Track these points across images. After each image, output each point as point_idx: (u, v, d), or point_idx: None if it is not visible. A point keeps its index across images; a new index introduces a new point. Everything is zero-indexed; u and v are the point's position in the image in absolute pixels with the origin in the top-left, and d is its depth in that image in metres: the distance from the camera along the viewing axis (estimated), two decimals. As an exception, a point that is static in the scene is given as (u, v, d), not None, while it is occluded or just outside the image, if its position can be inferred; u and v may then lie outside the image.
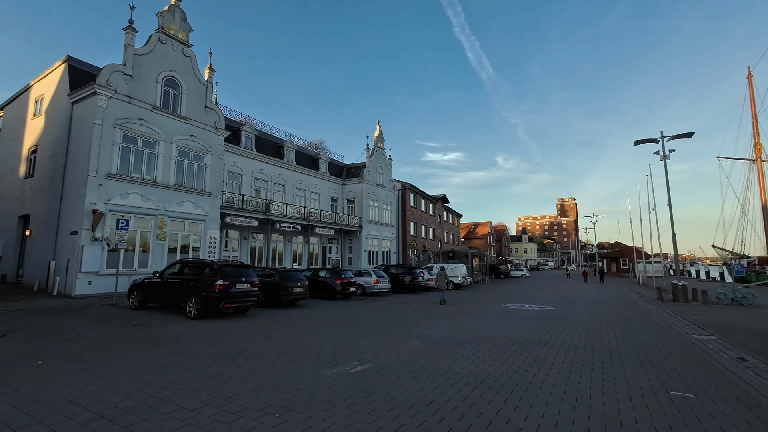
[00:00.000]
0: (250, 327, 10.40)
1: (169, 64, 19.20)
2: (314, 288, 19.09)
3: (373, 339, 9.12)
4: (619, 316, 14.26)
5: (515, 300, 20.31)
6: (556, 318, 13.57)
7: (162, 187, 18.35)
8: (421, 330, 10.58)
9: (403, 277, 23.93)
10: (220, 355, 7.17)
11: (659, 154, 23.84)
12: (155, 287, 12.56)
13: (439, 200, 54.75)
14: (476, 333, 10.29)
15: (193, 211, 19.73)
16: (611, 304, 18.84)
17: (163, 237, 18.24)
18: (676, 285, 21.41)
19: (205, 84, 21.01)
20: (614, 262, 62.03)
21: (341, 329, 10.41)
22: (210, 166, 20.76)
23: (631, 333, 10.75)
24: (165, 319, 11.17)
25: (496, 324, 11.95)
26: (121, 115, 17.03)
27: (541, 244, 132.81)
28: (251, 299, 12.23)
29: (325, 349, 7.92)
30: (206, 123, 20.75)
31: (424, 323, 11.85)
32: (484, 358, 7.48)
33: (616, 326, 11.95)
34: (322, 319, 12.29)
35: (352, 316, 12.98)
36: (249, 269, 12.66)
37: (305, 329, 10.26)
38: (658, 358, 7.78)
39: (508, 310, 15.89)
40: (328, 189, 33.59)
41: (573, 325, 11.92)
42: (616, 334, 10.49)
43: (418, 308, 15.99)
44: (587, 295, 24.69)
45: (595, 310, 16.13)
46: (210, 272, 11.65)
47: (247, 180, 25.80)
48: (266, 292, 14.66)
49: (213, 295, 11.18)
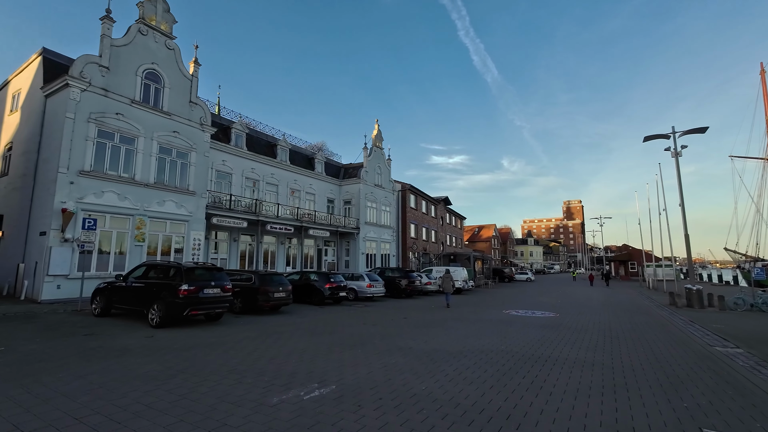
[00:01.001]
0: (215, 337, 9.27)
1: (150, 56, 18.24)
2: (302, 293, 17.97)
3: (347, 353, 7.94)
4: (630, 325, 12.96)
5: (517, 305, 19.02)
6: (560, 326, 12.31)
7: (141, 186, 17.34)
8: (407, 341, 9.38)
9: (399, 281, 22.71)
10: (157, 374, 6.04)
11: (671, 151, 22.55)
12: (118, 292, 11.48)
13: (441, 202, 53.48)
14: (468, 345, 9.07)
15: (176, 212, 18.69)
16: (621, 311, 17.50)
17: (142, 238, 17.21)
18: (691, 289, 20.04)
19: (190, 78, 20.04)
20: (622, 266, 60.32)
21: (316, 340, 9.24)
22: (194, 164, 19.74)
23: (645, 345, 9.47)
24: (123, 328, 10.06)
25: (492, 334, 10.72)
26: (96, 109, 16.06)
27: (547, 247, 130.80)
28: (222, 305, 11.10)
29: (286, 366, 6.76)
30: (191, 119, 19.76)
31: (412, 333, 10.65)
32: (473, 378, 6.27)
33: (627, 337, 10.67)
34: (300, 327, 11.13)
35: (334, 325, 11.81)
36: (221, 272, 11.53)
37: (275, 340, 9.10)
38: (681, 378, 6.53)
39: (509, 317, 14.64)
40: (324, 190, 32.50)
41: (579, 335, 10.66)
42: (628, 347, 9.22)
43: (411, 314, 14.78)
44: (594, 300, 23.31)
45: (603, 318, 14.82)
46: (175, 275, 10.55)
47: (237, 179, 24.77)
48: (245, 298, 13.55)
49: (177, 301, 10.07)
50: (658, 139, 22.55)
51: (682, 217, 20.86)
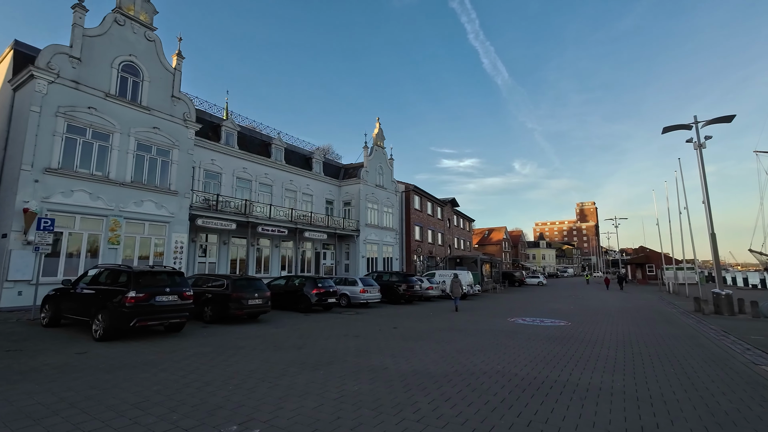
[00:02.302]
0: (159, 354, 7.89)
1: (127, 48, 17.18)
2: (288, 299, 16.58)
3: (303, 376, 6.47)
4: (653, 336, 11.21)
5: (525, 312, 17.31)
6: (571, 339, 10.64)
7: (116, 185, 16.20)
8: (385, 359, 7.87)
9: (398, 286, 21.18)
10: (31, 412, 4.66)
11: (693, 143, 20.67)
12: (66, 299, 10.21)
13: (447, 203, 51.77)
14: (458, 364, 7.51)
15: (156, 212, 17.51)
16: (641, 318, 15.68)
17: (117, 240, 16.04)
18: (719, 294, 18.10)
19: (173, 72, 18.93)
20: (639, 269, 57.67)
21: (276, 358, 7.79)
22: (177, 162, 18.57)
23: (675, 364, 7.78)
24: (62, 342, 8.76)
25: (490, 348, 9.13)
26: (66, 103, 14.99)
27: (559, 250, 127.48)
28: (180, 315, 9.73)
29: (214, 397, 5.32)
30: (173, 114, 18.63)
31: (397, 347, 9.13)
32: (449, 417, 4.74)
33: (651, 352, 8.97)
34: (268, 340, 9.70)
35: (309, 337, 10.35)
36: (181, 277, 10.19)
37: (227, 358, 7.68)
38: (731, 415, 4.89)
39: (514, 326, 12.99)
40: (323, 190, 31.18)
41: (593, 351, 9.01)
42: (654, 366, 7.56)
43: (403, 323, 13.25)
44: (611, 305, 21.42)
45: (621, 327, 13.07)
46: (126, 281, 9.24)
47: (227, 179, 23.60)
48: (216, 305, 12.19)
49: (122, 310, 8.74)
50: (679, 129, 20.70)
51: (707, 214, 18.95)
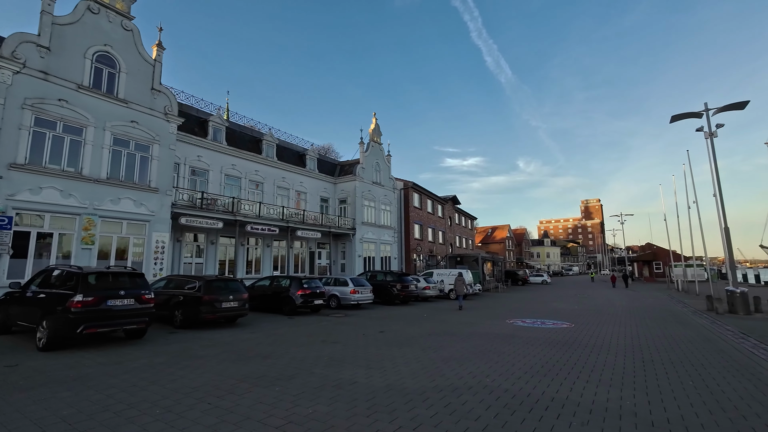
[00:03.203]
0: (102, 365, 6.93)
1: (102, 37, 16.29)
2: (272, 301, 15.64)
3: (255, 395, 5.48)
4: (665, 339, 10.12)
5: (526, 313, 16.23)
6: (574, 343, 9.58)
7: (90, 181, 15.31)
8: (358, 370, 6.86)
9: (392, 286, 20.14)
10: None
11: (703, 132, 19.54)
12: (15, 304, 9.30)
13: (448, 201, 50.65)
14: (441, 377, 6.49)
15: (134, 210, 16.61)
16: (651, 319, 14.56)
17: (91, 240, 15.16)
18: (734, 292, 16.98)
19: (152, 63, 18.02)
20: (646, 266, 56.26)
21: (232, 371, 6.80)
22: (158, 158, 17.67)
23: (693, 374, 6.71)
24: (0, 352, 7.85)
25: (482, 356, 8.10)
26: (34, 94, 14.11)
27: (564, 248, 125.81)
28: (137, 320, 8.77)
29: (125, 427, 4.34)
30: (153, 108, 17.73)
31: (375, 355, 8.12)
32: (415, 453, 3.73)
33: (665, 359, 7.89)
34: (233, 349, 8.72)
35: (283, 344, 9.36)
36: (140, 279, 9.24)
37: (175, 371, 6.71)
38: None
39: (512, 329, 11.94)
40: (317, 188, 30.21)
41: (599, 358, 7.94)
42: (669, 377, 6.49)
43: (392, 326, 12.23)
44: (617, 304, 20.27)
45: (629, 329, 11.98)
46: (73, 283, 8.30)
47: (215, 177, 22.69)
48: (186, 308, 11.24)
49: (67, 315, 7.81)
50: (689, 118, 19.58)
51: (718, 208, 17.81)
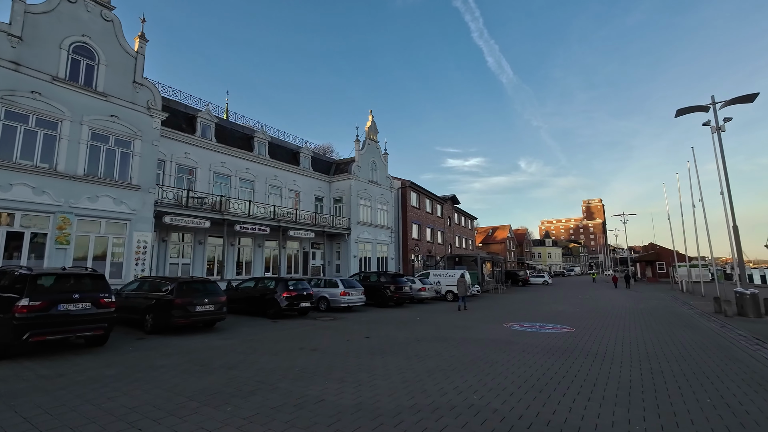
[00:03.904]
0: (42, 379, 6.16)
1: (80, 27, 15.57)
2: (257, 303, 14.87)
3: (199, 417, 4.69)
4: (675, 346, 9.29)
5: (525, 316, 15.42)
6: (575, 351, 8.77)
7: (66, 178, 14.58)
8: (329, 384, 6.07)
9: (385, 288, 19.34)
10: None
11: (710, 126, 18.74)
12: (-36, 309, 8.54)
13: (448, 200, 49.82)
14: (421, 392, 5.69)
15: (114, 209, 15.87)
16: (657, 322, 13.73)
17: (66, 240, 14.41)
18: (743, 294, 16.17)
19: (135, 56, 17.29)
20: (649, 266, 55.28)
21: (186, 385, 6.02)
22: (139, 154, 16.92)
23: (711, 389, 5.89)
24: (-61, 362, 7.09)
25: (472, 366, 7.29)
26: (4, 86, 13.37)
27: (566, 248, 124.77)
28: (94, 326, 8.00)
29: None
30: (134, 102, 16.99)
31: (354, 365, 7.32)
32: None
33: (677, 369, 7.07)
34: (199, 358, 7.93)
35: (254, 353, 8.57)
36: (100, 281, 8.47)
37: (122, 386, 5.92)
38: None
39: (509, 334, 11.13)
40: (311, 187, 29.43)
41: (603, 368, 7.13)
42: (684, 394, 5.68)
43: (380, 331, 11.44)
44: (620, 306, 19.42)
45: (635, 333, 11.15)
46: (20, 286, 7.53)
47: (203, 174, 21.93)
48: (158, 312, 10.47)
49: (11, 322, 7.04)
50: (695, 112, 18.72)
51: (725, 206, 17.00)
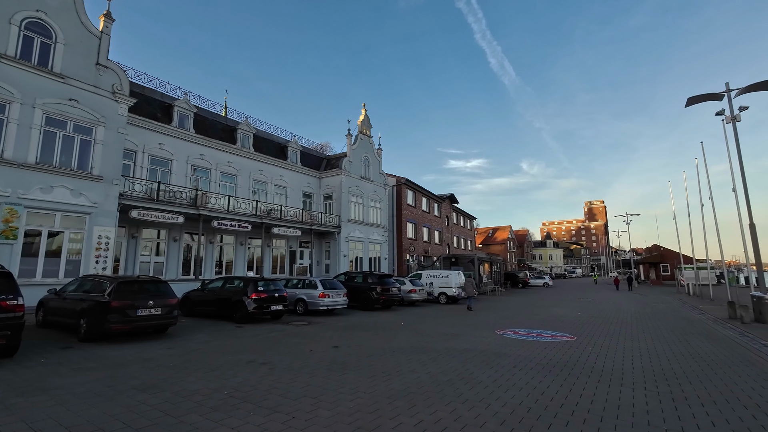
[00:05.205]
0: None
1: (33, 2, 14.21)
2: (223, 306, 13.45)
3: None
4: (694, 360, 7.82)
5: (521, 321, 13.96)
6: (576, 366, 7.31)
7: (14, 166, 13.20)
8: (255, 416, 4.63)
9: (371, 289, 17.88)
10: None
11: (724, 116, 17.37)
12: None
13: (446, 199, 48.37)
14: (373, 430, 4.26)
15: (71, 201, 14.48)
16: (667, 329, 12.26)
17: (12, 234, 13.02)
18: (761, 298, 14.80)
19: (99, 35, 15.92)
20: (653, 268, 53.72)
21: (67, 418, 4.59)
22: (102, 142, 15.54)
23: (753, 424, 4.44)
24: None
25: (449, 390, 5.85)
26: (-59, 63, 12.07)
27: (567, 249, 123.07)
28: (-8, 335, 6.60)
29: None
30: (97, 85, 15.61)
31: (302, 386, 5.88)
32: None
33: (705, 396, 5.61)
34: (114, 375, 6.50)
35: (187, 368, 7.13)
36: (7, 279, 7.06)
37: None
38: None
39: (500, 343, 9.68)
40: (300, 182, 28.02)
41: (611, 392, 5.67)
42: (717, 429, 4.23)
43: (351, 340, 9.99)
44: (625, 310, 17.93)
45: (645, 344, 9.68)
46: None
47: (179, 167, 20.54)
48: (92, 317, 9.04)
49: None
50: (707, 101, 17.28)
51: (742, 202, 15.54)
